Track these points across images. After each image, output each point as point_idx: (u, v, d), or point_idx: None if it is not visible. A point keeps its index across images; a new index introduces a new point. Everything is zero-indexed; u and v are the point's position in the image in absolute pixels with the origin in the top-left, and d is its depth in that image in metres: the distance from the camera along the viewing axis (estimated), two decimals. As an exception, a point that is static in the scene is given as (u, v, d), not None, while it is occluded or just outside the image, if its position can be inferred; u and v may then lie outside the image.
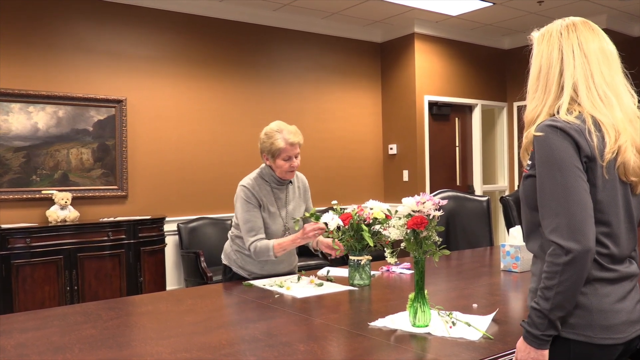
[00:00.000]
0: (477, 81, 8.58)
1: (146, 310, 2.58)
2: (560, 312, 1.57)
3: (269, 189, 3.20)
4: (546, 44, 1.73)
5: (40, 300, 5.08)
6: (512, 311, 2.41)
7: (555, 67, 1.69)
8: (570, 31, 1.71)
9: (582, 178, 1.57)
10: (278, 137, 3.09)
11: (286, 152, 3.09)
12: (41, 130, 5.63)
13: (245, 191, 3.13)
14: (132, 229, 5.63)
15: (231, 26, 6.89)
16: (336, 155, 7.77)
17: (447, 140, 8.38)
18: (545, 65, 1.71)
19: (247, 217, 3.10)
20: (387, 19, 7.54)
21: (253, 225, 3.10)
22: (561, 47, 1.69)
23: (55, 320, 2.35)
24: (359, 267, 2.91)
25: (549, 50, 1.71)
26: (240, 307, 2.63)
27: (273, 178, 3.19)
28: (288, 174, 3.17)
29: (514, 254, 3.21)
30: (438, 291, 2.77)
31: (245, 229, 3.11)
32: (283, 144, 3.08)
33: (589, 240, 1.54)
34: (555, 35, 1.72)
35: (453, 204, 4.40)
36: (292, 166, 3.13)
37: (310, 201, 3.43)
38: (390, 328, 2.10)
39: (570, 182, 1.56)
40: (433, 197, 2.12)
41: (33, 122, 5.59)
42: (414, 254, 2.12)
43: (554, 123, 1.60)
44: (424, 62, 7.87)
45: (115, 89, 6.09)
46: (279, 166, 3.13)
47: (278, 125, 3.15)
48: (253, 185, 3.15)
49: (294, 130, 3.14)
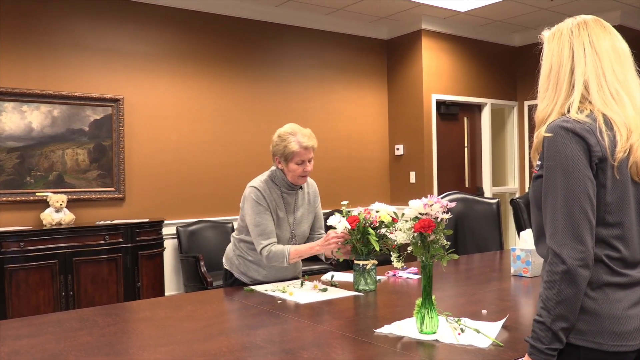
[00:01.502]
0: (486, 79, 8.57)
1: (144, 316, 2.58)
2: (563, 323, 1.56)
3: (279, 193, 3.18)
4: (557, 42, 1.74)
5: (35, 305, 5.09)
6: (522, 317, 2.40)
7: (566, 65, 1.69)
8: (581, 29, 1.71)
9: (589, 183, 1.57)
10: (292, 140, 3.07)
11: (300, 156, 3.07)
12: (35, 130, 5.64)
13: (256, 192, 3.11)
14: (129, 232, 5.64)
15: (232, 22, 6.90)
16: (341, 156, 7.77)
17: (456, 141, 8.38)
18: (556, 64, 1.72)
19: (258, 220, 3.08)
20: (393, 15, 7.54)
21: (265, 228, 3.08)
22: (572, 45, 1.70)
23: (50, 326, 2.36)
24: (364, 271, 2.91)
25: (559, 49, 1.72)
26: (242, 313, 2.63)
27: (284, 182, 3.18)
28: (300, 178, 3.15)
29: (525, 258, 3.21)
30: (446, 297, 2.77)
31: (257, 232, 3.08)
32: (297, 147, 3.06)
33: (586, 248, 1.55)
34: (566, 34, 1.73)
35: (462, 206, 4.40)
36: (305, 170, 3.11)
37: (320, 208, 3.41)
38: (396, 335, 2.10)
39: (574, 187, 1.56)
40: (441, 199, 2.12)
41: (27, 122, 5.60)
42: (421, 259, 2.12)
43: (564, 123, 1.61)
44: (431, 60, 7.87)
45: (112, 87, 6.11)
46: (292, 170, 3.11)
47: (292, 127, 3.13)
48: (264, 188, 3.13)
49: (308, 134, 3.12)
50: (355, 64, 7.97)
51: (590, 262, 1.56)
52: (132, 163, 6.21)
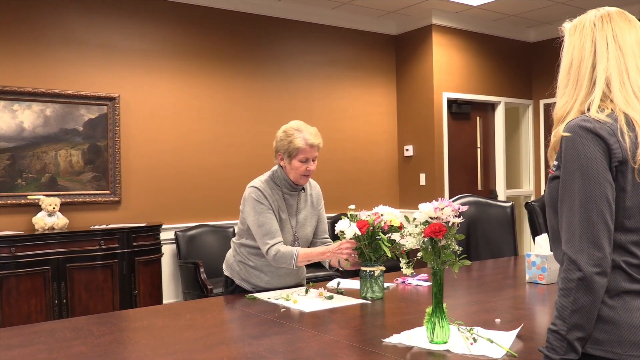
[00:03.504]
0: (500, 77, 8.57)
1: (141, 325, 2.59)
2: (579, 333, 1.56)
3: (280, 194, 3.20)
4: (578, 35, 1.73)
5: (26, 314, 5.11)
6: (538, 327, 2.40)
7: (588, 60, 1.69)
8: (604, 22, 1.70)
9: (608, 187, 1.57)
10: (298, 136, 3.11)
11: (304, 154, 3.10)
12: (27, 130, 5.66)
13: (257, 192, 3.13)
14: (125, 237, 5.65)
15: (234, 17, 6.91)
16: (347, 157, 7.78)
17: (468, 141, 8.37)
18: (577, 59, 1.71)
19: (262, 220, 3.09)
20: (402, 10, 7.54)
21: (269, 228, 3.09)
22: (594, 39, 1.69)
23: (42, 336, 2.36)
24: (372, 278, 2.91)
25: (581, 43, 1.71)
26: (243, 322, 2.63)
27: (286, 182, 3.20)
28: (302, 178, 3.17)
29: (540, 265, 3.21)
30: (458, 305, 2.77)
31: (261, 232, 3.09)
32: (302, 144, 3.09)
33: (603, 255, 1.54)
34: (589, 27, 1.71)
35: (474, 210, 4.40)
36: (308, 169, 3.14)
37: (324, 211, 3.43)
38: (405, 345, 2.10)
39: (592, 190, 1.56)
40: (452, 202, 2.12)
41: (18, 122, 5.62)
42: (432, 265, 2.12)
43: (584, 123, 1.60)
44: (442, 57, 7.87)
45: (107, 85, 6.12)
46: (295, 168, 3.13)
47: (298, 124, 3.17)
48: (265, 188, 3.16)
49: (314, 132, 3.16)
50: (362, 60, 7.97)
51: (607, 269, 1.55)
52: (128, 164, 6.23)
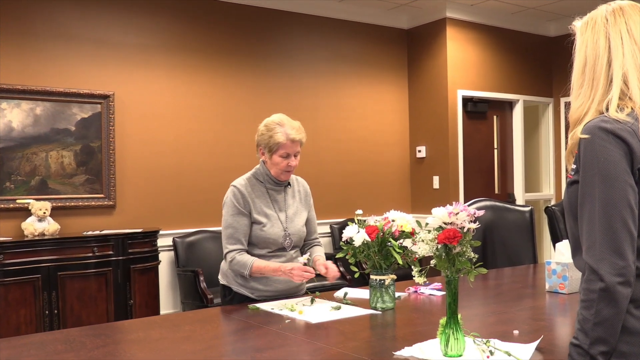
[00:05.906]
0: (518, 73, 8.56)
1: (137, 337, 2.60)
2: (602, 347, 1.56)
3: (264, 190, 3.30)
4: (591, 32, 1.73)
5: (15, 325, 5.12)
6: (558, 339, 2.40)
7: (603, 57, 1.69)
8: (617, 16, 1.71)
9: (630, 191, 1.57)
10: (279, 130, 3.18)
11: (285, 149, 3.17)
12: (16, 130, 5.68)
13: (235, 192, 3.27)
14: (120, 243, 5.65)
15: (235, 10, 6.93)
16: (355, 159, 7.78)
17: (484, 142, 8.37)
18: (591, 57, 1.71)
19: (230, 222, 3.24)
20: (414, 2, 7.55)
21: (234, 232, 3.23)
22: (608, 34, 1.70)
23: (32, 348, 2.37)
24: (382, 287, 2.91)
25: (594, 39, 1.72)
26: (246, 334, 2.64)
27: (268, 178, 3.30)
28: (284, 174, 3.25)
29: (561, 273, 3.20)
30: (473, 315, 2.77)
31: (226, 234, 3.25)
32: (283, 138, 3.16)
33: (626, 263, 1.54)
34: (601, 22, 1.72)
35: (491, 215, 4.40)
36: (289, 165, 3.22)
37: (313, 208, 3.52)
38: (418, 358, 2.10)
39: (613, 195, 1.56)
40: (468, 207, 2.12)
41: (6, 121, 5.64)
42: (446, 273, 2.12)
43: (603, 124, 1.60)
44: (457, 52, 7.87)
45: (101, 82, 6.14)
46: (275, 163, 3.21)
47: (280, 118, 3.24)
48: (245, 186, 3.28)
49: (297, 127, 3.23)
50: (372, 56, 7.98)
51: (631, 278, 1.55)
52: (123, 167, 6.24)
